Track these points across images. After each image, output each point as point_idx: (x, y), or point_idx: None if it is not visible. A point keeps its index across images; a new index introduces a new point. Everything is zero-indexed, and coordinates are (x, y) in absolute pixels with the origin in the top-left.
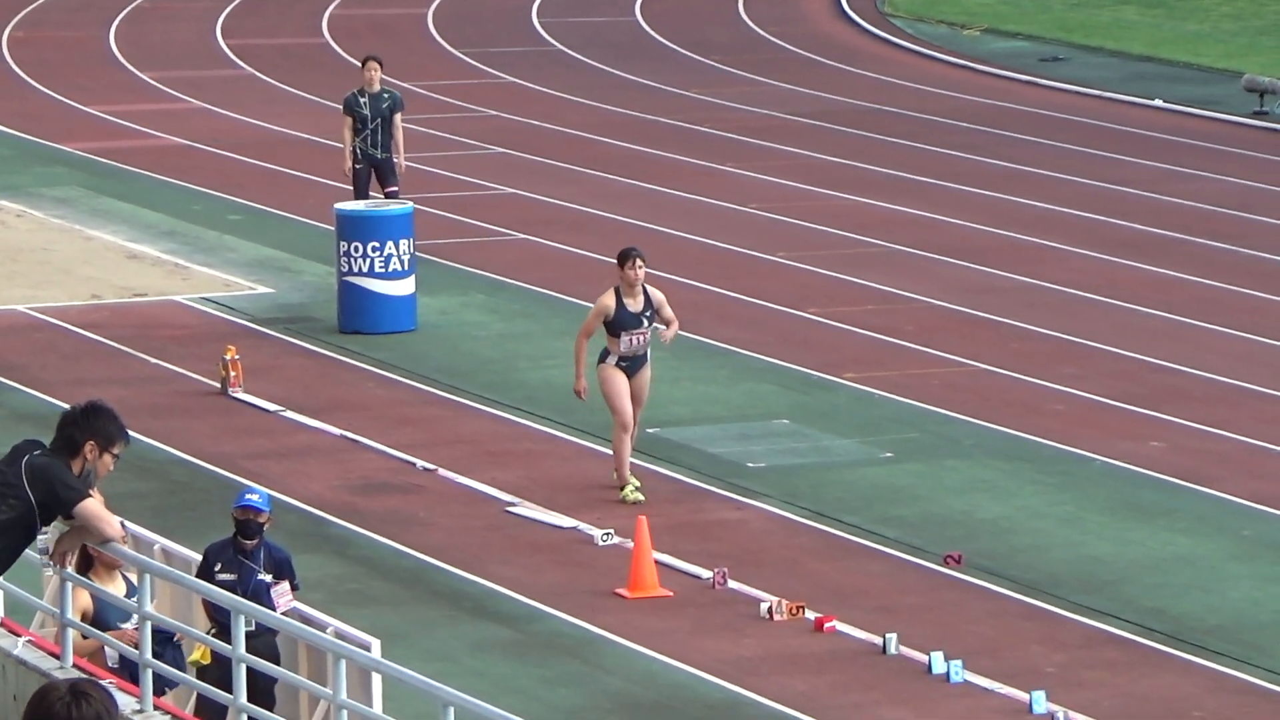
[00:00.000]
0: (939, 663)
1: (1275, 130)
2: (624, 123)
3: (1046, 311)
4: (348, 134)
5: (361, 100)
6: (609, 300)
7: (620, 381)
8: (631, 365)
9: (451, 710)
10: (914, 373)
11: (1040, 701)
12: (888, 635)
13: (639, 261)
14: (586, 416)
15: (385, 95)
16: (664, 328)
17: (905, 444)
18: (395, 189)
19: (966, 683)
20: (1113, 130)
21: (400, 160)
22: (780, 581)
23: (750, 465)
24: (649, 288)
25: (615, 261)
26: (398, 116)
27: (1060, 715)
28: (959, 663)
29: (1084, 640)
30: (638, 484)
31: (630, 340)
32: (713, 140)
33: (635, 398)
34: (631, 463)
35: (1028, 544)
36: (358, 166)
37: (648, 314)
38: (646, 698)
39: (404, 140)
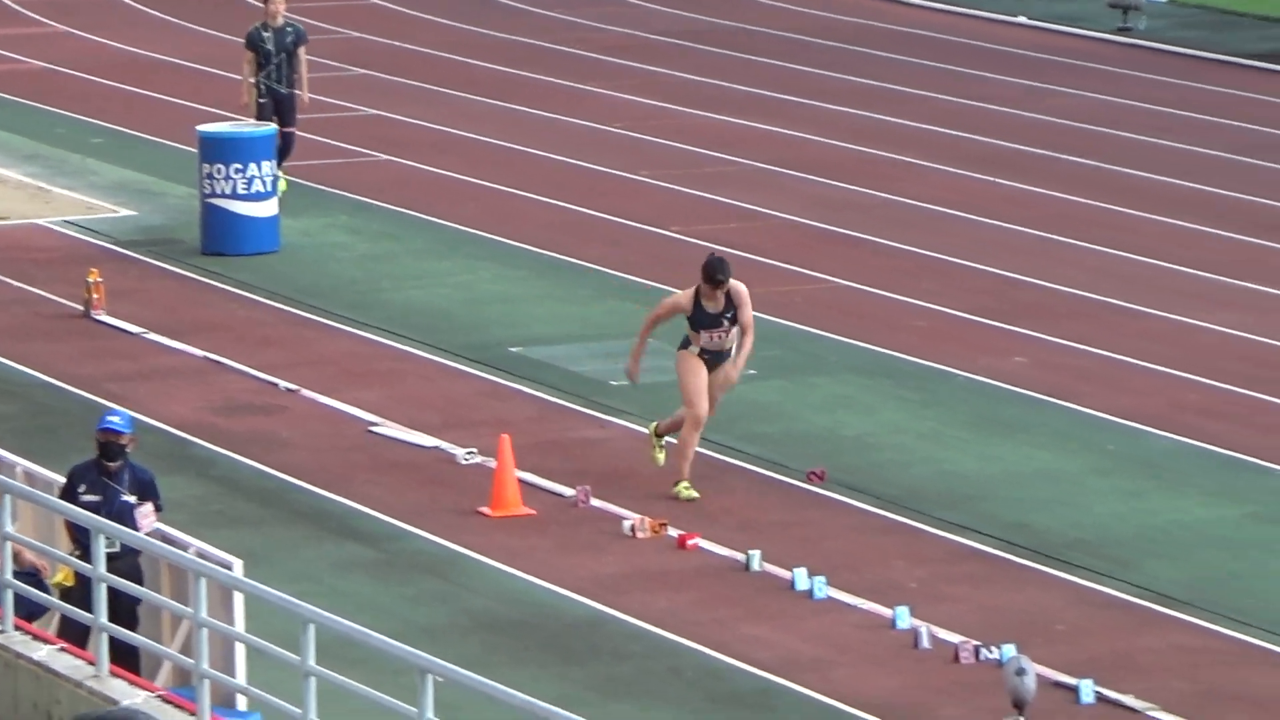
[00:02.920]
0: (802, 579)
1: (1138, 46)
2: (486, 43)
3: (907, 228)
4: (247, 68)
5: (265, 35)
6: (685, 300)
7: (700, 376)
8: (716, 357)
9: (312, 627)
10: (776, 290)
11: (903, 616)
12: (750, 552)
13: (723, 282)
14: (449, 336)
15: (289, 29)
16: (731, 366)
17: (768, 361)
18: (293, 131)
19: (829, 598)
20: (977, 47)
21: (304, 94)
22: (643, 499)
23: (613, 383)
24: (733, 287)
25: (701, 271)
26: (301, 50)
27: (923, 629)
28: (822, 579)
29: (946, 555)
30: (689, 484)
31: (711, 337)
32: (575, 60)
33: (713, 398)
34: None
35: (890, 460)
36: (261, 100)
37: (729, 314)
38: (509, 616)
39: (306, 73)
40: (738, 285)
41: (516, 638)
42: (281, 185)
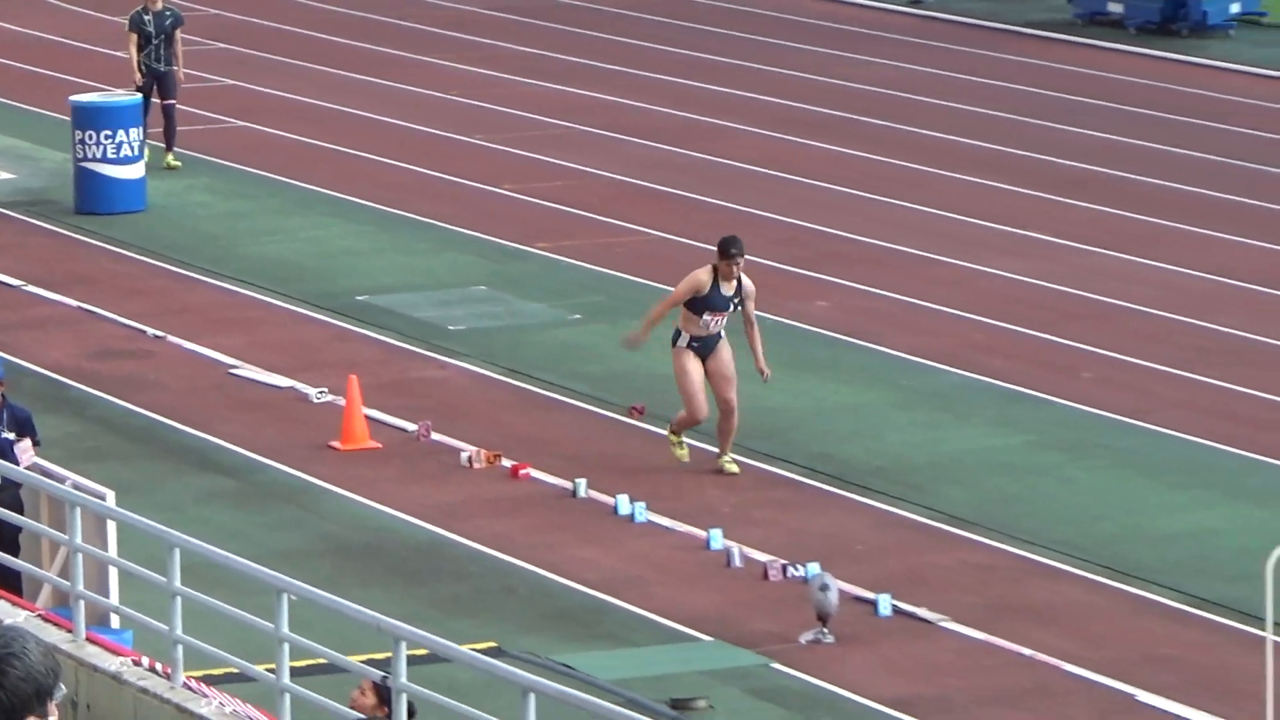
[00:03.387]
0: (624, 505)
1: (930, 18)
2: (336, 20)
3: (722, 185)
4: (133, 50)
5: (146, 18)
6: (705, 276)
7: (696, 375)
8: (704, 345)
9: (177, 552)
10: (600, 242)
11: (717, 538)
12: (577, 480)
13: (739, 259)
14: (302, 286)
15: (168, 13)
16: (764, 368)
17: (592, 306)
18: (173, 102)
19: (650, 522)
20: (786, 20)
21: (180, 71)
22: (479, 433)
23: (451, 328)
24: (744, 276)
25: (716, 248)
26: (178, 32)
27: (735, 550)
28: (643, 504)
29: (757, 482)
30: (680, 441)
31: (713, 320)
32: (416, 34)
33: (723, 377)
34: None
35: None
36: (143, 77)
37: (737, 300)
38: (358, 540)
39: (182, 52)
40: (748, 280)
41: (365, 560)
42: (171, 161)
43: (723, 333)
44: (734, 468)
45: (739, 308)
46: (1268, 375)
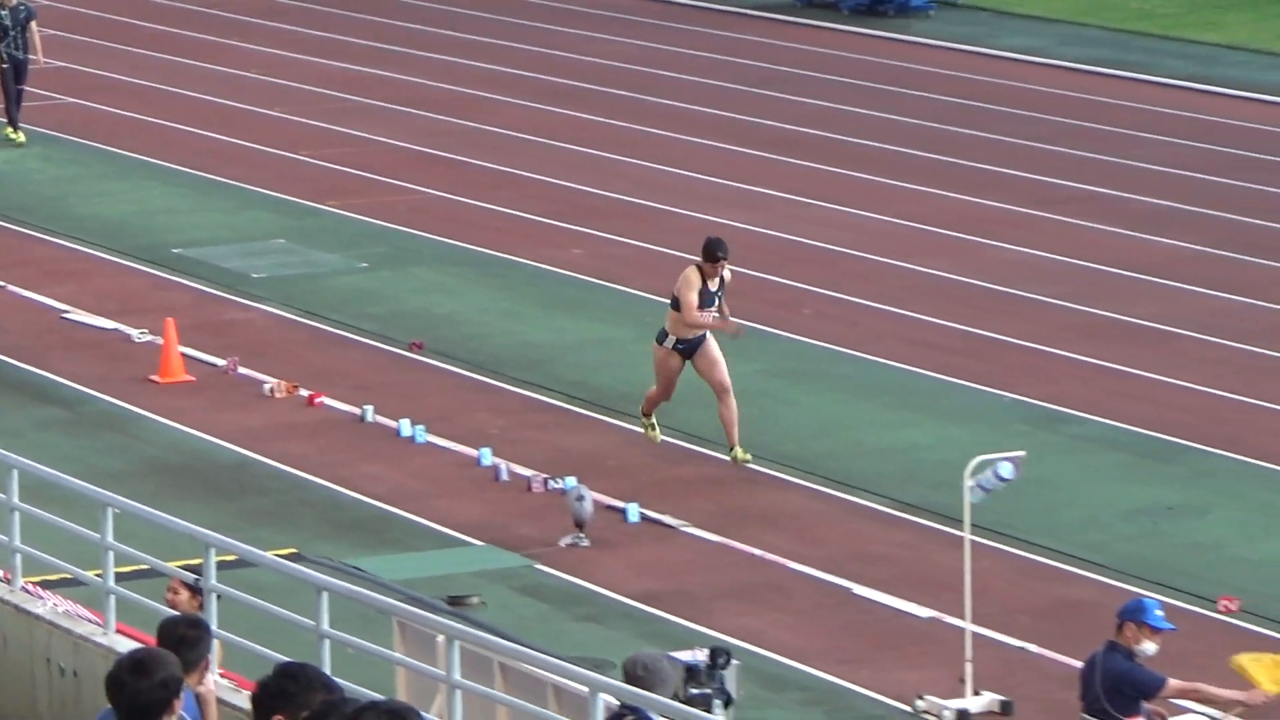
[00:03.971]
0: (406, 427)
1: (671, 3)
2: (154, 8)
3: (490, 150)
4: None
5: (3, 12)
6: (695, 277)
7: (672, 370)
8: (690, 345)
9: (16, 473)
10: (383, 200)
11: (487, 456)
12: (365, 406)
13: (721, 260)
14: (126, 241)
15: (22, 7)
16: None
17: (377, 256)
18: (23, 88)
19: (429, 443)
20: (546, 5)
21: (39, 58)
22: (279, 367)
23: (254, 276)
24: (724, 270)
25: (702, 251)
26: (33, 24)
27: (503, 466)
28: (422, 427)
29: (522, 407)
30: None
31: (706, 316)
32: (227, 21)
33: (710, 361)
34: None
35: (476, 333)
36: (4, 66)
37: (720, 294)
38: (176, 461)
39: (39, 41)
40: (727, 273)
41: (181, 479)
42: (19, 138)
43: (708, 332)
44: (748, 456)
45: (722, 301)
46: (962, 309)
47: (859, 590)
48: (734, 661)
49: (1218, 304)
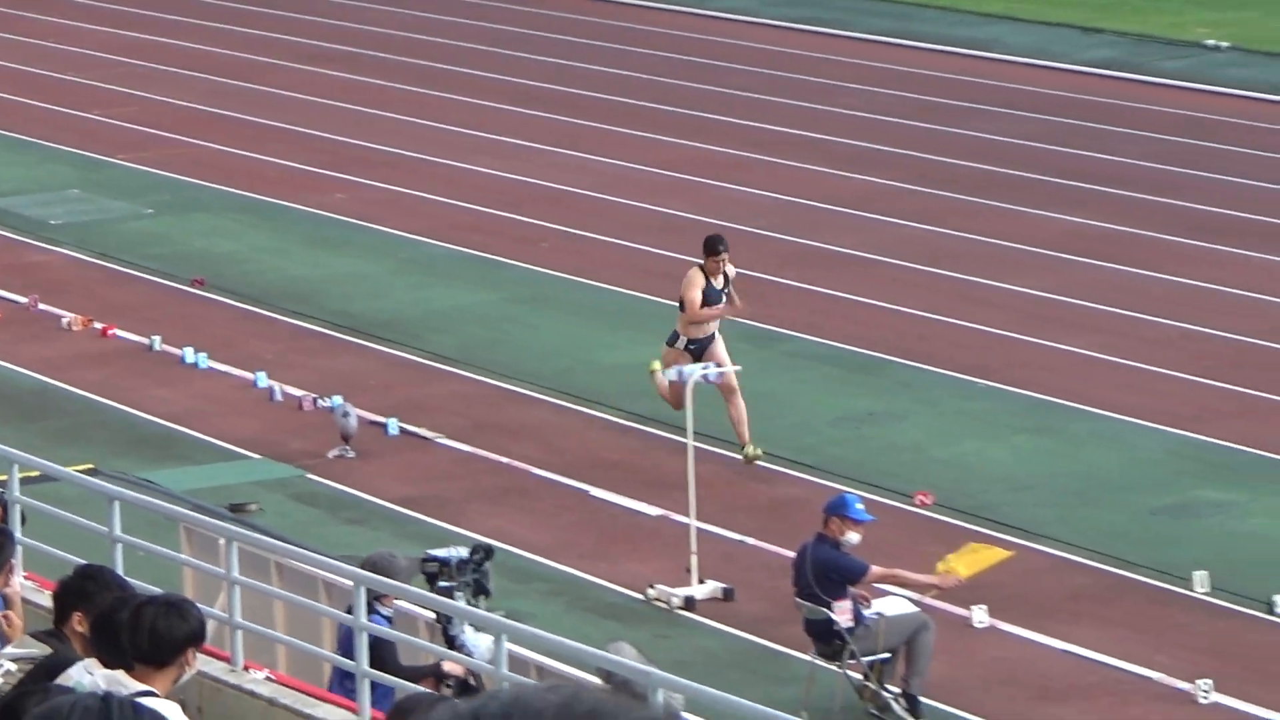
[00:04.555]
0: (190, 355)
1: None
2: None
3: (266, 108)
4: None
5: None
6: (699, 279)
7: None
8: (701, 345)
9: None
10: (169, 153)
11: (263, 379)
12: (153, 337)
13: (723, 254)
14: None
15: None
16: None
17: (163, 203)
18: None
19: (211, 368)
20: None
21: None
22: (76, 303)
23: (52, 222)
24: (727, 265)
25: (703, 248)
26: None
27: (276, 388)
28: (205, 354)
29: (292, 335)
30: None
31: (707, 310)
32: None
33: (716, 360)
34: None
35: (251, 270)
36: None
37: (726, 290)
38: None
39: None
40: (730, 268)
41: None
42: None
43: (716, 333)
44: (759, 453)
45: (729, 296)
46: (684, 242)
47: (595, 492)
48: (490, 558)
49: (909, 233)
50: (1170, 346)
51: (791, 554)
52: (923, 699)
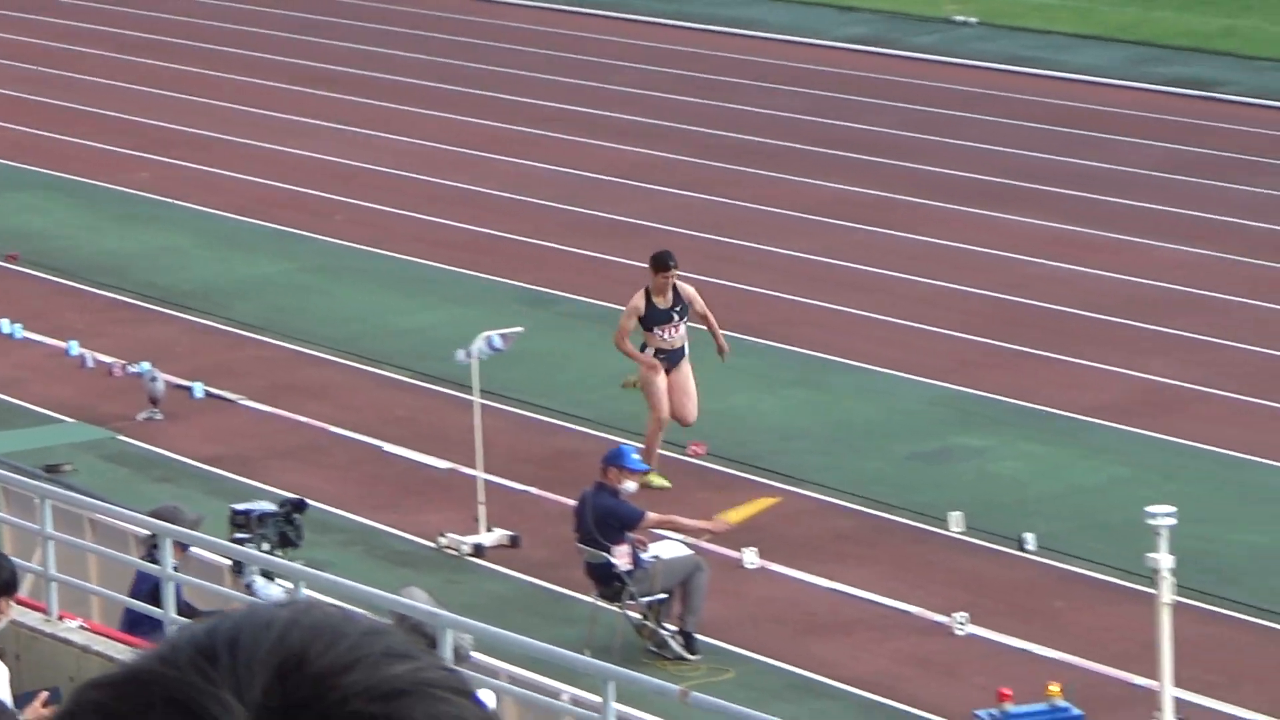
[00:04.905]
0: (6, 325)
1: None
2: None
3: (77, 93)
4: None
5: None
6: (639, 300)
7: (660, 380)
8: (670, 357)
9: None
10: None
11: (74, 347)
12: None
13: (673, 269)
14: None
15: None
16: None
17: None
18: None
19: (26, 338)
20: None
21: None
22: None
23: None
24: (679, 284)
25: (650, 263)
26: None
27: (88, 355)
28: (20, 325)
29: (103, 305)
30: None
31: (664, 332)
32: None
33: (683, 391)
34: None
35: (64, 245)
36: None
37: (677, 309)
38: None
39: None
40: (685, 286)
41: None
42: None
43: (686, 348)
44: (662, 481)
45: (684, 315)
46: (472, 212)
47: (388, 448)
48: (301, 511)
49: (681, 200)
50: (928, 303)
51: (573, 502)
52: (698, 635)
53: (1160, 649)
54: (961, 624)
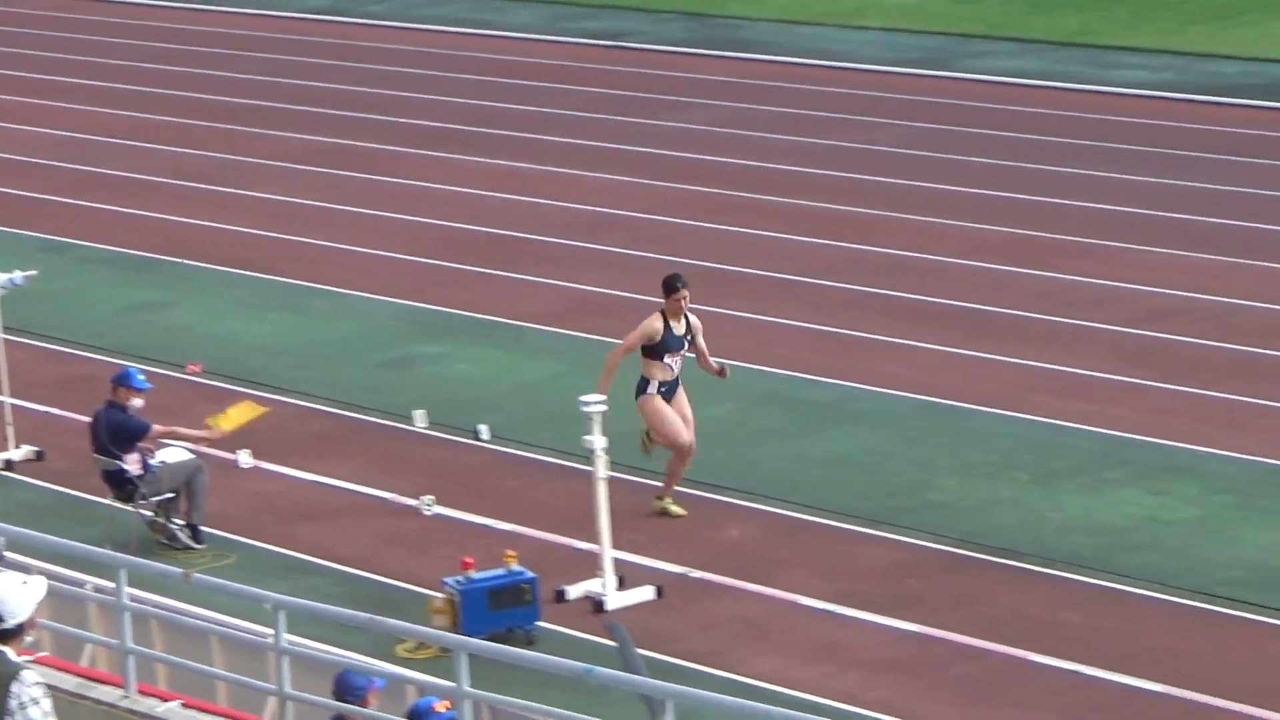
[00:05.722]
0: None
1: None
2: None
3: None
4: None
5: None
6: (656, 323)
7: (671, 413)
8: (670, 389)
9: None
10: None
11: None
12: None
13: (685, 292)
14: None
15: None
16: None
17: None
18: None
19: None
20: None
21: None
22: None
23: None
24: (689, 313)
25: (661, 288)
26: None
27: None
28: None
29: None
30: (672, 500)
31: (675, 361)
32: None
33: (684, 418)
34: None
35: None
36: None
37: (688, 338)
38: None
39: None
40: (694, 316)
41: None
42: None
43: (679, 377)
44: (678, 510)
45: (691, 344)
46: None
47: None
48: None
49: (177, 157)
50: (394, 235)
51: (89, 420)
52: (203, 528)
53: (599, 517)
54: (429, 506)
